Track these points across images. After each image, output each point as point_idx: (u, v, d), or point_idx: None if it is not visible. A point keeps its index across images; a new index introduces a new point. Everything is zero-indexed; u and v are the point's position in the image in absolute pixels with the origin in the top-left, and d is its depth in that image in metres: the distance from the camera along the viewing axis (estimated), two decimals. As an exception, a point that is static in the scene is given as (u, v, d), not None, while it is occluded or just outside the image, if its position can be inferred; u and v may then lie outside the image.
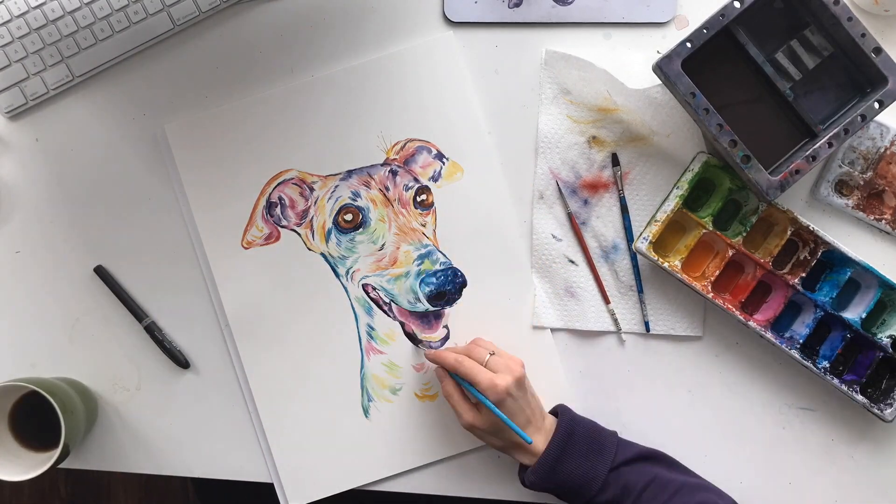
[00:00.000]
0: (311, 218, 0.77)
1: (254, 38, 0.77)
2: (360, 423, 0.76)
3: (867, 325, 0.75)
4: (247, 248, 0.77)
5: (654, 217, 0.75)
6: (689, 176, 0.74)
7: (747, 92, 0.73)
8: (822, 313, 0.75)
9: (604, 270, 0.77)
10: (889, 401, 0.74)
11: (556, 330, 0.77)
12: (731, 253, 0.74)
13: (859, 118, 0.70)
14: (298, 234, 0.77)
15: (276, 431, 0.76)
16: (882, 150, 0.76)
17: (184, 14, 0.75)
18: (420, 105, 0.77)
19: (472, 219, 0.77)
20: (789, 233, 0.74)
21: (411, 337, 0.77)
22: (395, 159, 0.77)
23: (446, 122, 0.77)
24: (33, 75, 0.75)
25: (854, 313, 0.75)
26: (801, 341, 0.75)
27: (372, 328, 0.77)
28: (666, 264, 0.74)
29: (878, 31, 0.76)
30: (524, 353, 0.76)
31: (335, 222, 0.77)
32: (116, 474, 1.38)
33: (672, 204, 0.74)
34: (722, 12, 0.69)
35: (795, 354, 0.74)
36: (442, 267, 0.76)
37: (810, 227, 0.74)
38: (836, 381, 0.74)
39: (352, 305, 0.77)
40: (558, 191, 0.77)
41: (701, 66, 0.69)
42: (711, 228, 0.74)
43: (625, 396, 0.77)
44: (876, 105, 0.69)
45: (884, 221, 0.76)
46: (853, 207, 0.76)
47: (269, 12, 0.77)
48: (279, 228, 0.77)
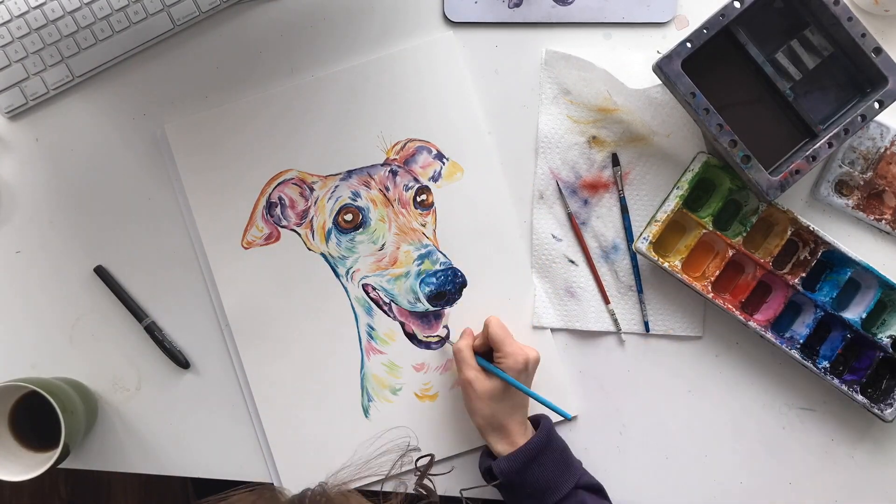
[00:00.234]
0: (311, 218, 0.77)
1: (254, 38, 0.77)
2: (360, 423, 0.76)
3: (867, 325, 0.75)
4: (247, 248, 0.76)
5: (654, 217, 0.75)
6: (689, 176, 0.74)
7: (747, 92, 0.73)
8: (822, 313, 0.75)
9: (604, 270, 0.77)
10: (889, 401, 0.74)
11: (556, 330, 0.77)
12: (731, 253, 0.74)
13: (859, 118, 0.70)
14: (298, 234, 0.77)
15: (276, 431, 0.76)
16: (882, 150, 0.76)
17: (184, 14, 0.75)
18: (420, 105, 0.77)
19: (472, 219, 0.77)
20: (789, 233, 0.74)
21: (411, 337, 0.77)
22: (395, 159, 0.77)
23: (446, 122, 0.77)
24: (33, 75, 0.75)
25: (854, 313, 0.75)
26: (801, 341, 0.75)
27: (372, 328, 0.77)
28: (666, 264, 0.74)
29: (878, 31, 0.76)
30: (524, 353, 0.76)
31: (335, 222, 0.77)
32: (116, 474, 1.38)
33: (672, 204, 0.74)
34: (722, 12, 0.69)
35: (795, 354, 0.74)
36: (442, 267, 0.76)
37: (810, 227, 0.74)
38: (836, 381, 0.74)
39: (352, 305, 0.77)
40: (558, 191, 0.77)
41: (701, 66, 0.69)
42: (711, 228, 0.74)
43: (625, 396, 0.77)
44: (876, 105, 0.69)
45: (884, 221, 0.76)
46: (853, 207, 0.76)
47: (269, 12, 0.77)
48: (279, 228, 0.77)
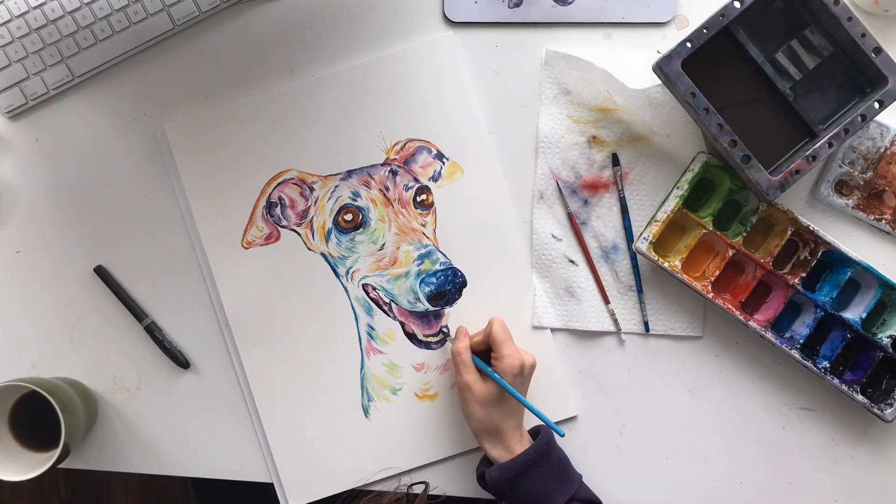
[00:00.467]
0: (311, 218, 0.77)
1: (254, 38, 0.77)
2: (360, 423, 0.76)
3: (867, 325, 0.75)
4: (247, 248, 0.77)
5: (654, 217, 0.75)
6: (689, 176, 0.74)
7: (747, 92, 0.73)
8: (822, 313, 0.75)
9: (604, 270, 0.77)
10: (889, 401, 0.74)
11: (556, 330, 0.77)
12: (731, 253, 0.74)
13: (859, 118, 0.70)
14: (298, 234, 0.77)
15: (276, 431, 0.76)
16: (882, 150, 0.76)
17: (184, 14, 0.75)
18: (420, 105, 0.77)
19: (472, 219, 0.77)
20: (789, 233, 0.74)
21: (411, 337, 0.77)
22: (395, 159, 0.77)
23: (446, 122, 0.77)
24: (33, 75, 0.75)
25: (854, 313, 0.75)
26: (801, 341, 0.75)
27: (372, 328, 0.77)
28: (666, 264, 0.74)
29: (878, 31, 0.76)
30: (524, 353, 0.76)
31: (335, 222, 0.77)
32: (116, 474, 1.38)
33: (672, 204, 0.74)
34: (722, 12, 0.69)
35: (796, 354, 0.74)
36: (442, 267, 0.76)
37: (810, 227, 0.74)
38: (836, 381, 0.74)
39: (352, 305, 0.77)
40: (558, 191, 0.77)
41: (701, 66, 0.69)
42: (711, 228, 0.74)
43: (625, 396, 0.77)
44: (876, 105, 0.69)
45: (884, 221, 0.76)
46: (853, 207, 0.76)
47: (269, 12, 0.77)
48: (279, 228, 0.77)
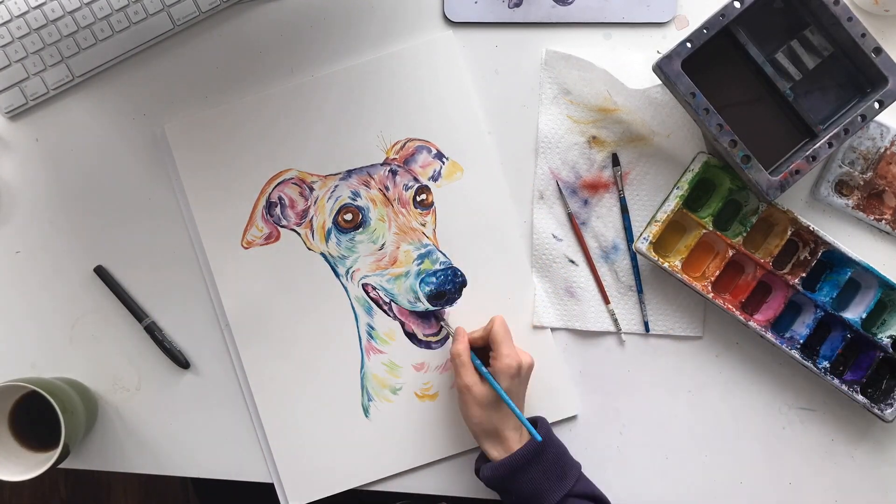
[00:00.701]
0: (311, 217, 0.77)
1: (254, 38, 0.77)
2: (360, 423, 0.76)
3: (867, 325, 0.75)
4: (247, 247, 0.77)
5: (654, 217, 0.75)
6: (689, 176, 0.74)
7: (747, 92, 0.73)
8: (822, 313, 0.75)
9: (604, 270, 0.77)
10: (889, 401, 0.74)
11: (556, 330, 0.77)
12: (731, 253, 0.74)
13: (859, 118, 0.70)
14: (298, 233, 0.77)
15: (276, 431, 0.76)
16: (882, 150, 0.76)
17: (184, 14, 0.75)
18: (420, 105, 0.77)
19: (472, 218, 0.77)
20: (789, 233, 0.74)
21: (411, 336, 0.77)
22: (394, 159, 0.77)
23: (446, 122, 0.77)
24: (33, 75, 0.75)
25: (854, 313, 0.75)
26: (801, 341, 0.75)
27: (372, 328, 0.77)
28: (666, 264, 0.74)
29: (878, 31, 0.76)
30: (524, 353, 0.76)
31: (335, 222, 0.77)
32: (116, 474, 1.38)
33: (672, 204, 0.74)
34: (722, 12, 0.69)
35: (796, 354, 0.74)
36: (442, 266, 0.76)
37: (810, 228, 0.74)
38: (836, 382, 0.74)
39: (352, 305, 0.77)
40: (558, 191, 0.77)
41: (701, 66, 0.69)
42: (711, 228, 0.74)
43: (625, 396, 0.77)
44: (876, 105, 0.69)
45: (884, 221, 0.76)
46: (853, 207, 0.76)
47: (269, 12, 0.77)
48: (279, 228, 0.77)
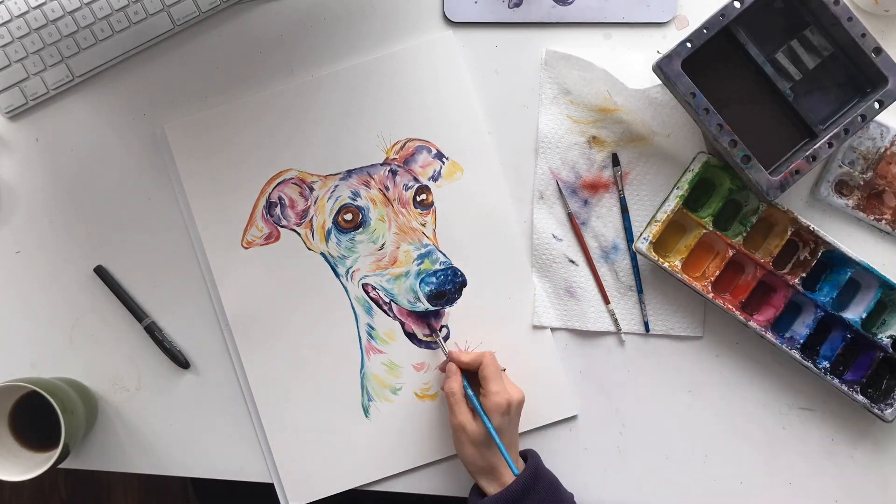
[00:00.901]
0: (311, 217, 0.77)
1: (254, 38, 0.77)
2: (360, 423, 0.76)
3: (867, 325, 0.75)
4: (247, 247, 0.77)
5: (654, 217, 0.75)
6: (689, 176, 0.74)
7: (747, 92, 0.73)
8: (822, 313, 0.75)
9: (604, 270, 0.77)
10: (889, 401, 0.74)
11: (556, 330, 0.77)
12: (731, 253, 0.74)
13: (859, 118, 0.70)
14: (298, 233, 0.77)
15: (276, 431, 0.76)
16: (882, 150, 0.76)
17: (184, 14, 0.75)
18: (420, 104, 0.77)
19: (472, 218, 0.77)
20: (789, 233, 0.74)
21: (411, 336, 0.77)
22: (394, 159, 0.77)
23: (446, 122, 0.77)
24: (33, 75, 0.75)
25: (854, 313, 0.75)
26: (801, 341, 0.75)
27: (372, 328, 0.77)
28: (666, 264, 0.74)
29: (878, 31, 0.76)
30: (524, 353, 0.76)
31: (335, 222, 0.77)
32: (116, 474, 1.38)
33: (672, 204, 0.74)
34: (722, 12, 0.69)
35: (796, 355, 0.74)
36: (442, 266, 0.76)
37: (810, 228, 0.74)
38: (836, 382, 0.74)
39: (352, 305, 0.77)
40: (558, 191, 0.77)
41: (701, 66, 0.69)
42: (711, 228, 0.74)
43: (625, 396, 0.77)
44: (876, 105, 0.69)
45: (884, 221, 0.76)
46: (853, 207, 0.76)
47: (269, 12, 0.77)
48: (279, 228, 0.77)
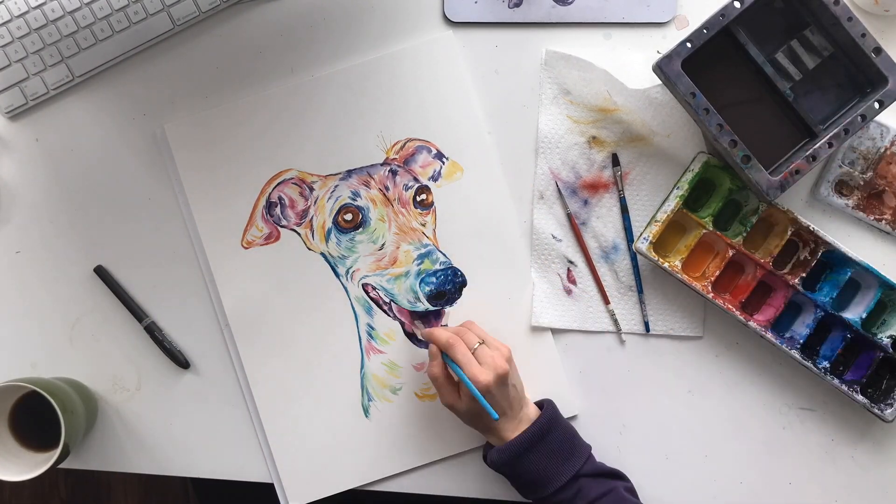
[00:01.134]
0: (311, 217, 0.77)
1: (254, 38, 0.77)
2: (360, 423, 0.76)
3: (867, 325, 0.75)
4: (247, 247, 0.77)
5: (654, 217, 0.75)
6: (689, 176, 0.74)
7: (747, 92, 0.73)
8: (822, 313, 0.75)
9: (604, 271, 0.77)
10: (889, 401, 0.74)
11: (555, 330, 0.77)
12: (731, 253, 0.74)
13: (859, 118, 0.70)
14: (298, 233, 0.77)
15: (276, 431, 0.76)
16: (882, 150, 0.76)
17: (184, 14, 0.75)
18: (420, 105, 0.77)
19: (472, 218, 0.77)
20: (789, 233, 0.74)
21: (411, 336, 0.77)
22: (394, 159, 0.77)
23: (446, 122, 0.77)
24: (33, 75, 0.75)
25: (854, 313, 0.75)
26: (801, 341, 0.75)
27: (372, 328, 0.77)
28: (666, 264, 0.74)
29: (878, 31, 0.76)
30: (524, 353, 0.76)
31: (335, 222, 0.77)
32: (116, 474, 1.38)
33: (672, 204, 0.74)
34: (722, 12, 0.69)
35: (796, 354, 0.74)
36: (442, 266, 0.76)
37: (810, 228, 0.74)
38: (836, 382, 0.74)
39: (352, 305, 0.77)
40: (558, 191, 0.77)
41: (701, 66, 0.69)
42: (712, 229, 0.74)
43: (625, 396, 0.77)
44: (876, 105, 0.69)
45: (884, 221, 0.76)
46: (853, 207, 0.76)
47: (269, 12, 0.77)
48: (279, 228, 0.77)
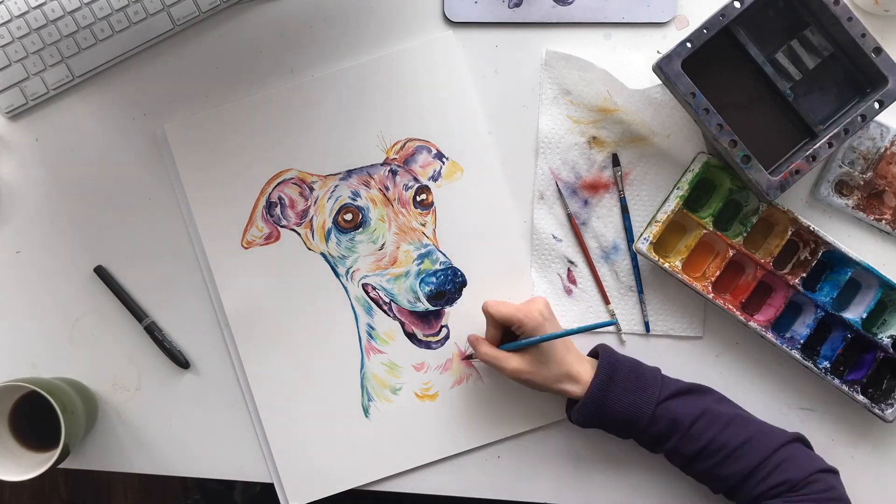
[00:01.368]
0: (311, 217, 0.77)
1: (254, 38, 0.77)
2: (360, 423, 0.76)
3: (868, 325, 0.75)
4: (247, 247, 0.77)
5: (654, 217, 0.75)
6: (689, 176, 0.74)
7: (747, 92, 0.73)
8: (822, 313, 0.74)
9: (604, 271, 0.77)
10: (890, 401, 0.74)
11: (556, 330, 0.77)
12: (731, 253, 0.74)
13: (859, 118, 0.70)
14: (298, 233, 0.77)
15: (276, 431, 0.76)
16: (882, 150, 0.76)
17: (184, 14, 0.75)
18: (420, 105, 0.77)
19: (472, 218, 0.77)
20: (790, 233, 0.74)
21: (411, 336, 0.77)
22: (394, 159, 0.77)
23: (446, 122, 0.77)
24: (33, 75, 0.75)
25: (855, 313, 0.75)
26: (801, 341, 0.75)
27: (372, 328, 0.77)
28: (666, 265, 0.74)
29: (878, 31, 0.76)
30: (524, 354, 0.76)
31: (335, 222, 0.77)
32: (116, 474, 1.38)
33: (672, 204, 0.74)
34: (722, 12, 0.69)
35: (796, 355, 0.74)
36: (442, 266, 0.76)
37: (811, 228, 0.74)
38: (836, 382, 0.74)
39: (352, 305, 0.77)
40: (558, 192, 0.77)
41: (701, 66, 0.69)
42: (712, 229, 0.74)
43: (625, 396, 0.77)
44: (876, 105, 0.69)
45: (884, 221, 0.76)
46: (853, 207, 0.76)
47: (269, 12, 0.77)
48: (279, 228, 0.77)
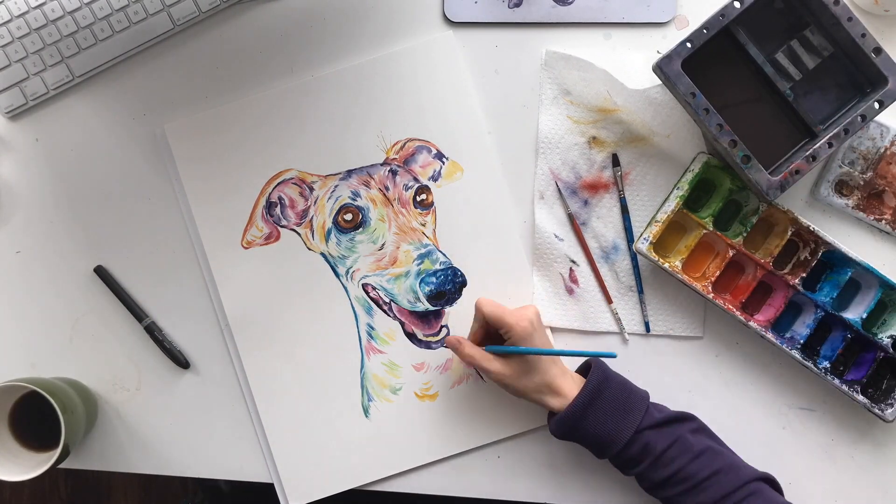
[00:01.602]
0: (311, 217, 0.77)
1: (254, 38, 0.77)
2: (360, 423, 0.76)
3: (868, 325, 0.75)
4: (247, 247, 0.77)
5: (654, 217, 0.75)
6: (689, 176, 0.74)
7: (747, 92, 0.73)
8: (822, 313, 0.74)
9: (604, 271, 0.77)
10: (890, 401, 0.74)
11: (556, 330, 0.77)
12: (731, 253, 0.74)
13: (859, 118, 0.70)
14: (298, 233, 0.77)
15: (276, 431, 0.76)
16: (882, 150, 0.76)
17: (184, 14, 0.75)
18: (420, 105, 0.77)
19: (472, 218, 0.77)
20: (790, 233, 0.74)
21: (411, 336, 0.77)
22: (394, 159, 0.77)
23: (446, 122, 0.77)
24: (33, 75, 0.75)
25: (855, 313, 0.75)
26: (801, 341, 0.75)
27: (372, 328, 0.77)
28: (666, 265, 0.74)
29: (878, 31, 0.76)
30: (524, 353, 0.76)
31: (335, 222, 0.77)
32: (116, 474, 1.38)
33: (672, 204, 0.74)
34: (722, 12, 0.69)
35: (796, 355, 0.74)
36: (442, 266, 0.76)
37: (810, 228, 0.74)
38: (836, 382, 0.74)
39: (352, 305, 0.77)
40: (558, 192, 0.77)
41: (701, 66, 0.69)
42: (712, 229, 0.74)
43: (625, 396, 0.77)
44: (876, 105, 0.69)
45: (884, 221, 0.76)
46: (853, 207, 0.76)
47: (269, 12, 0.77)
48: (279, 228, 0.77)
